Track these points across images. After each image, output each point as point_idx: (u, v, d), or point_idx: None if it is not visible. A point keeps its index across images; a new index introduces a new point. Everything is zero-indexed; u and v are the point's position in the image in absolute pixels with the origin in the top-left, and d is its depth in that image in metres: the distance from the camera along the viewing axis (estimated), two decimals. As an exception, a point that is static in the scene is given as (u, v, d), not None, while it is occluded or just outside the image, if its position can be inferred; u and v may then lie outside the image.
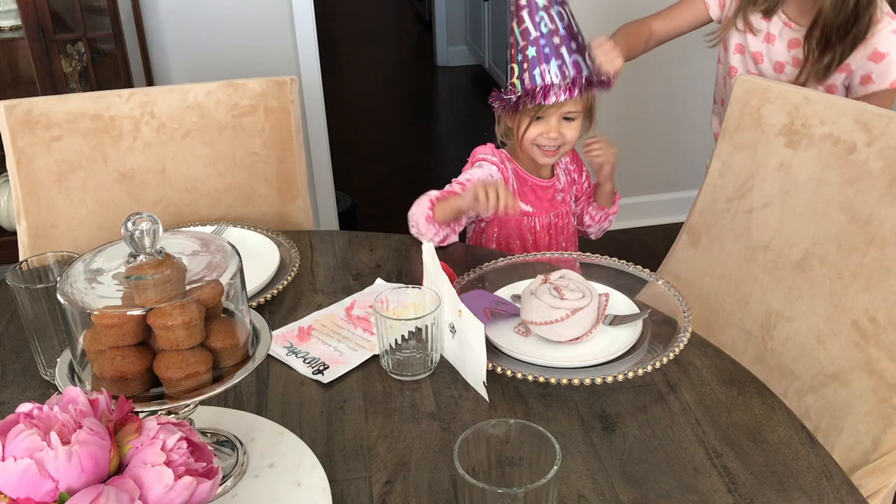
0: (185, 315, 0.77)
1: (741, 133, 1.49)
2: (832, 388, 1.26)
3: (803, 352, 1.33)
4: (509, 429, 0.80)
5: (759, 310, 1.42)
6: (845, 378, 1.25)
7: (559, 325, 1.10)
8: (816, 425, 1.26)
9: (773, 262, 1.41)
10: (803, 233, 1.36)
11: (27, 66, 2.41)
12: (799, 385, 1.32)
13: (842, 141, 1.32)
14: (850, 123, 1.31)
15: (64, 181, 1.55)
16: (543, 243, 1.58)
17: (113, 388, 0.78)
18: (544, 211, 1.56)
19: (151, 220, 0.78)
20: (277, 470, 0.90)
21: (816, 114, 1.37)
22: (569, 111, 1.45)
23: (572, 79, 1.40)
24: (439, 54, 5.20)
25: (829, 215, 1.33)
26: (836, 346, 1.27)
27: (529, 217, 1.55)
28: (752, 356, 1.41)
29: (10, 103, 1.50)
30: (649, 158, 3.05)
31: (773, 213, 1.42)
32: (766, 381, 1.09)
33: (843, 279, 1.28)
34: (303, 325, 1.20)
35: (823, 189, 1.34)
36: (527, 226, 1.56)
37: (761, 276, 1.42)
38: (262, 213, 1.64)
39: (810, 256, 1.34)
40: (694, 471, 0.92)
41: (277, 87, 1.60)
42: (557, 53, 1.40)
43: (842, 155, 1.32)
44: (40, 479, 0.61)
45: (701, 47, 1.90)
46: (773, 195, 1.42)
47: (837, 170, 1.32)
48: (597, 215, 1.65)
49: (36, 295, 1.04)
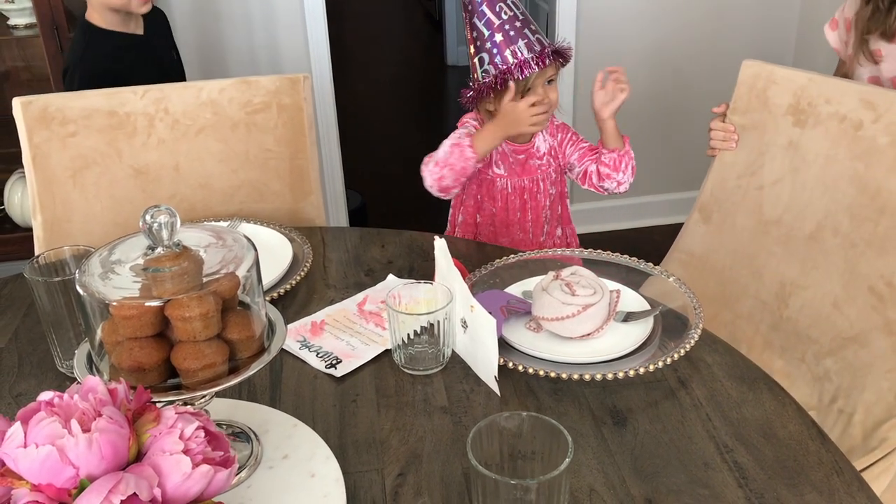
0: (203, 307, 0.78)
1: (749, 115, 1.52)
2: (852, 349, 1.31)
3: (819, 318, 1.37)
4: (522, 422, 0.80)
5: (773, 280, 1.46)
6: (864, 340, 1.29)
7: (570, 321, 1.11)
8: (838, 385, 1.31)
9: (786, 234, 1.45)
10: (815, 206, 1.41)
11: (42, 63, 2.43)
12: (817, 349, 1.36)
13: (848, 118, 1.36)
14: (856, 102, 1.35)
15: (79, 177, 1.56)
16: (515, 205, 1.71)
17: (130, 379, 0.79)
18: (515, 175, 1.69)
19: (169, 212, 0.79)
20: (291, 461, 0.91)
21: (822, 94, 1.41)
22: (550, 76, 1.59)
23: (540, 50, 1.56)
24: (449, 53, 5.21)
25: (839, 189, 1.37)
26: (853, 311, 1.32)
27: (501, 178, 1.69)
28: (769, 324, 1.45)
29: (26, 99, 1.52)
30: (660, 158, 3.05)
31: (783, 189, 1.46)
32: (783, 347, 1.12)
33: (857, 248, 1.33)
34: (315, 319, 1.21)
35: (833, 164, 1.38)
36: (499, 187, 1.70)
37: (775, 249, 1.46)
38: (275, 209, 1.65)
39: (823, 228, 1.39)
40: (705, 465, 0.92)
41: (290, 84, 1.61)
42: (521, 34, 1.56)
43: (849, 132, 1.36)
44: (61, 466, 0.62)
45: (713, 47, 1.91)
46: (784, 171, 1.46)
47: (845, 146, 1.36)
48: (611, 161, 1.63)
49: (53, 288, 1.06)
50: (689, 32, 2.86)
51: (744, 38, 2.88)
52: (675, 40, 2.87)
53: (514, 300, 1.20)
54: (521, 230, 1.73)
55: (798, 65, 2.89)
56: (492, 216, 1.74)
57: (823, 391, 1.32)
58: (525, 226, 1.73)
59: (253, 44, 2.64)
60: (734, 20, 2.87)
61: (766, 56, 1.73)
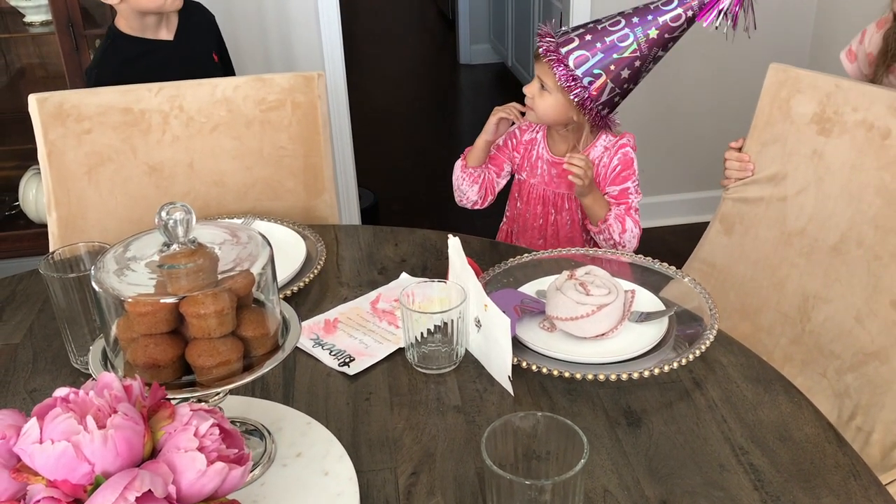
0: (218, 304, 0.78)
1: (770, 128, 1.50)
2: (872, 365, 1.28)
3: (842, 332, 1.34)
4: (537, 422, 0.80)
5: (796, 293, 1.44)
6: (885, 356, 1.27)
7: (584, 321, 1.11)
8: (857, 402, 1.28)
9: (810, 246, 1.42)
10: (839, 217, 1.38)
11: (57, 60, 2.45)
12: (838, 364, 1.33)
13: (875, 127, 1.33)
14: (884, 109, 1.33)
15: (94, 173, 1.57)
16: (537, 212, 1.74)
17: (145, 375, 0.79)
18: (540, 181, 1.71)
19: (185, 209, 0.79)
20: (305, 459, 0.90)
21: (849, 101, 1.38)
22: (544, 79, 1.57)
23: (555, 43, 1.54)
24: (462, 52, 5.20)
25: (865, 199, 1.34)
26: (875, 326, 1.29)
27: (526, 181, 1.74)
28: (790, 338, 1.43)
29: (42, 96, 1.52)
30: (670, 158, 3.04)
31: (807, 199, 1.43)
32: (805, 361, 1.10)
33: (881, 260, 1.30)
34: (329, 317, 1.21)
35: (858, 174, 1.35)
36: (525, 189, 1.74)
37: (797, 261, 1.44)
38: (289, 206, 1.65)
39: (847, 239, 1.36)
40: (720, 467, 0.92)
41: (305, 82, 1.61)
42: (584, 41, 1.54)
43: (876, 140, 1.33)
44: (77, 462, 0.62)
45: (723, 48, 1.89)
46: (808, 181, 1.43)
47: (872, 155, 1.34)
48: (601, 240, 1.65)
49: (68, 284, 1.06)
50: (701, 32, 2.84)
51: (755, 38, 2.85)
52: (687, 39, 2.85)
53: (528, 299, 1.20)
54: (541, 236, 1.74)
55: (815, 61, 2.87)
56: (516, 216, 1.77)
57: (843, 407, 1.30)
58: (545, 233, 1.73)
59: (267, 42, 2.64)
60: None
61: (783, 57, 1.71)
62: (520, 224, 1.76)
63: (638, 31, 1.51)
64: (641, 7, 1.53)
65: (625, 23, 1.52)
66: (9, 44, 2.67)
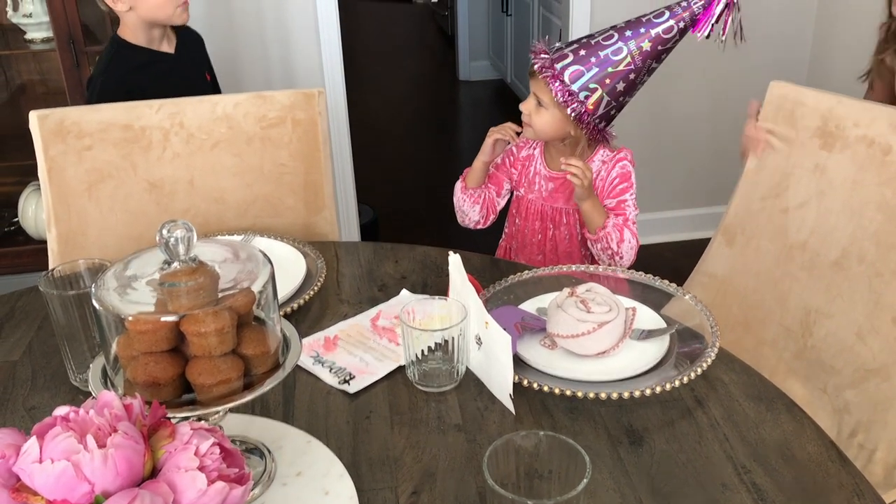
0: (218, 322, 0.78)
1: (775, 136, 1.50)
2: (874, 382, 1.28)
3: (843, 348, 1.34)
4: (539, 441, 0.80)
5: (798, 307, 1.44)
6: (887, 373, 1.26)
7: (586, 339, 1.10)
8: (858, 419, 1.28)
9: (811, 260, 1.42)
10: (840, 232, 1.38)
11: (58, 76, 2.45)
12: (838, 380, 1.33)
13: (877, 143, 1.34)
14: (885, 126, 1.33)
15: (94, 190, 1.57)
16: (535, 227, 1.74)
17: (145, 394, 0.78)
18: (538, 196, 1.71)
19: (186, 227, 0.79)
20: (305, 478, 0.90)
21: (850, 116, 1.39)
22: (540, 96, 1.57)
23: (550, 59, 1.55)
24: (461, 69, 5.22)
25: (866, 215, 1.35)
26: (877, 343, 1.29)
27: (524, 197, 1.74)
28: (792, 352, 1.43)
29: (42, 113, 1.53)
30: (669, 175, 3.05)
31: (809, 213, 1.44)
32: (806, 376, 1.09)
33: (883, 277, 1.30)
34: (329, 334, 1.21)
35: (860, 190, 1.36)
36: (523, 204, 1.75)
37: (799, 274, 1.44)
38: (289, 223, 1.65)
39: (848, 255, 1.36)
40: (722, 486, 0.91)
41: (305, 99, 1.61)
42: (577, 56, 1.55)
43: (877, 157, 1.34)
44: (76, 482, 0.62)
45: (721, 66, 1.90)
46: (809, 195, 1.44)
47: (874, 171, 1.34)
48: (596, 252, 1.64)
49: (67, 301, 1.06)
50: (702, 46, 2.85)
51: (761, 53, 2.87)
52: (685, 57, 2.86)
53: (529, 317, 1.20)
54: (540, 251, 1.74)
55: (813, 77, 2.88)
56: (515, 232, 1.78)
57: (843, 423, 1.30)
58: (544, 248, 1.74)
59: (267, 59, 2.66)
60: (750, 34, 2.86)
61: (781, 73, 1.72)
62: (519, 240, 1.77)
63: (631, 44, 1.52)
64: (633, 20, 1.54)
65: (618, 36, 1.53)
66: (10, 60, 2.68)
